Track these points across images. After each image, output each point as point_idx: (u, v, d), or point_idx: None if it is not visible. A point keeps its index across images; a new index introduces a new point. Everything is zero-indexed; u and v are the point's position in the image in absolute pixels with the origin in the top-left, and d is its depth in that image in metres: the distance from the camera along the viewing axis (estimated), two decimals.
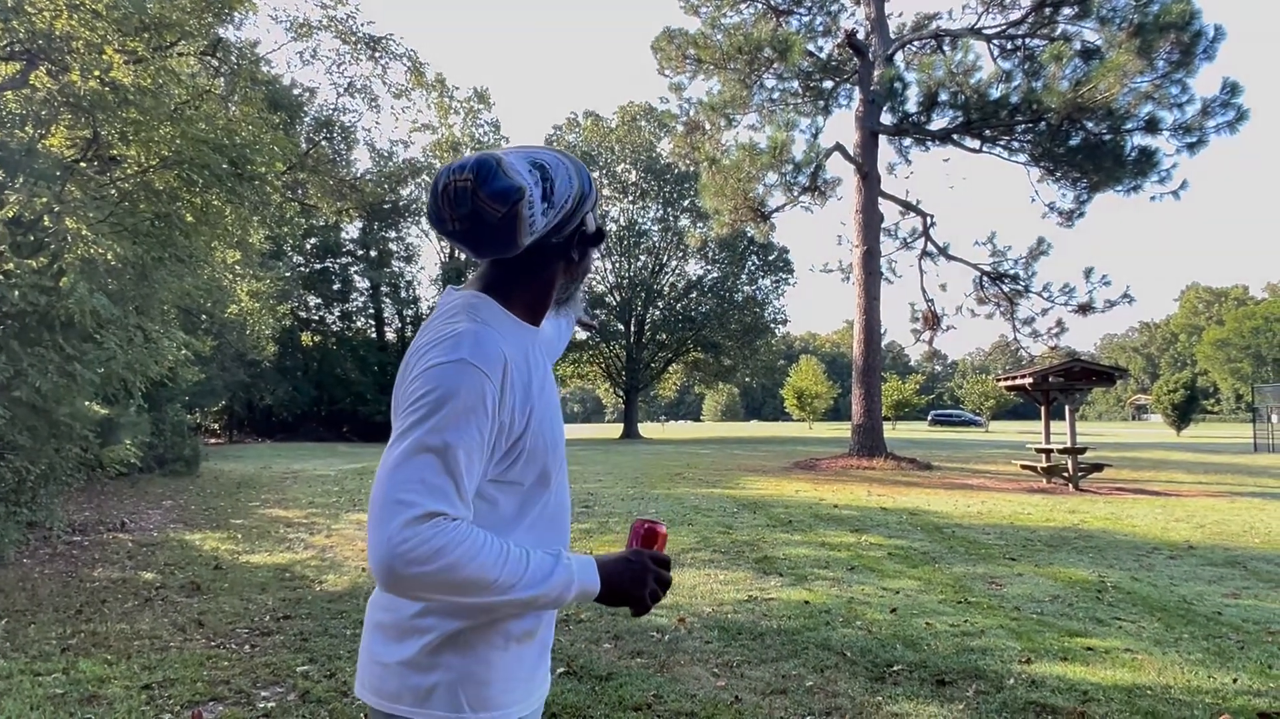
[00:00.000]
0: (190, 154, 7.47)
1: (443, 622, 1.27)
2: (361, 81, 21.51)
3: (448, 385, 1.20)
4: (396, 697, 1.28)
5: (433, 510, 1.13)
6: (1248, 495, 13.10)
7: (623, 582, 1.30)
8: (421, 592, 1.15)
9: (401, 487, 1.14)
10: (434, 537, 1.11)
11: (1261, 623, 5.28)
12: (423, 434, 1.17)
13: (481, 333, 1.26)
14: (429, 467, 1.16)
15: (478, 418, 1.20)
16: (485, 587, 1.15)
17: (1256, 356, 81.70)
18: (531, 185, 1.29)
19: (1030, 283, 21.09)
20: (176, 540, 8.57)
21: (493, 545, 1.17)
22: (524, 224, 1.29)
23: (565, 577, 1.22)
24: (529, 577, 1.19)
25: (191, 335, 12.89)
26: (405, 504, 1.12)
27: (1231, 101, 17.26)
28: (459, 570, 1.12)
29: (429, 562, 1.11)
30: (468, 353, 1.22)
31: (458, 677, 1.27)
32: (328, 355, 38.56)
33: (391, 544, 1.11)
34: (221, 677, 4.18)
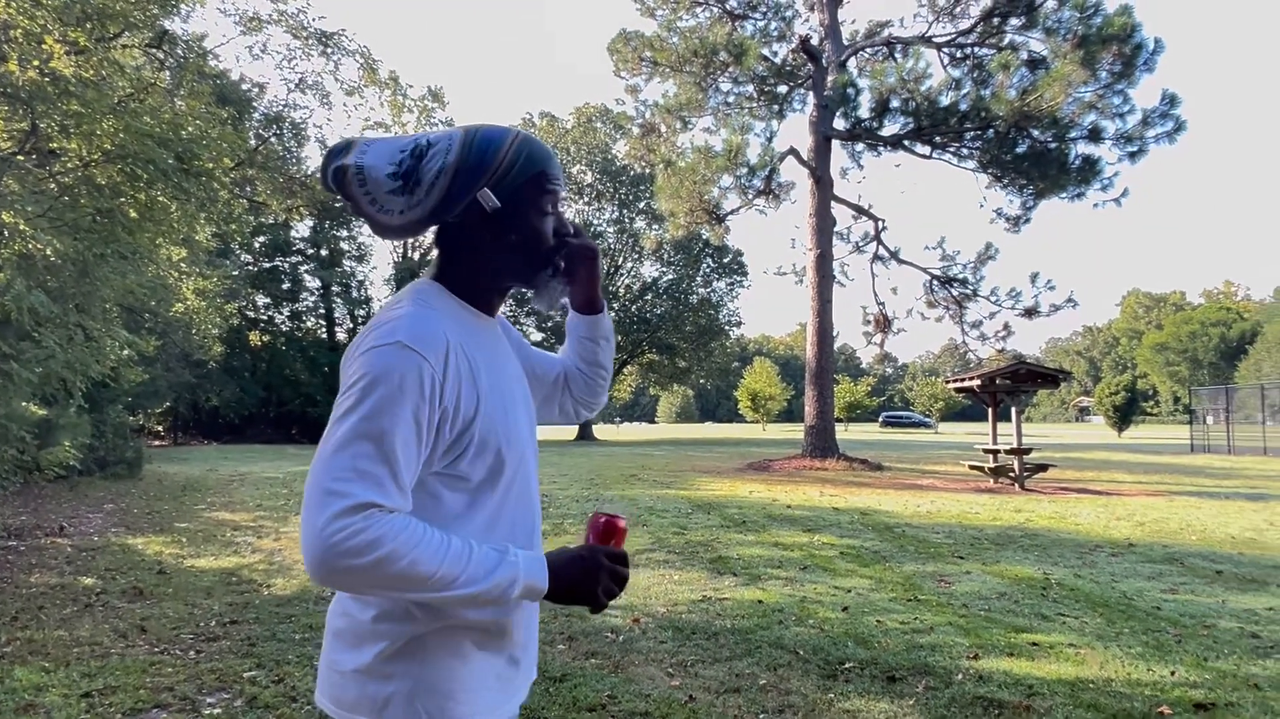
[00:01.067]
0: (134, 148, 7.28)
1: (399, 627, 1.21)
2: (313, 78, 21.17)
3: (382, 369, 1.14)
4: (354, 706, 1.22)
5: (366, 501, 1.08)
6: (1185, 494, 13.51)
7: (574, 579, 1.23)
8: (356, 587, 1.10)
9: (334, 476, 1.09)
10: (367, 528, 1.06)
11: (1198, 617, 5.45)
12: (356, 420, 1.11)
13: (421, 314, 1.21)
14: (363, 454, 1.10)
15: (414, 402, 1.14)
16: (422, 581, 1.09)
17: (1193, 360, 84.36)
18: (372, 164, 1.25)
19: (978, 287, 21.53)
20: (118, 545, 8.34)
21: (432, 538, 1.11)
22: (363, 203, 1.26)
23: (510, 573, 1.16)
24: (470, 572, 1.12)
25: (135, 334, 12.57)
26: (337, 494, 1.07)
27: (1170, 112, 17.82)
28: (393, 564, 1.07)
29: (362, 554, 1.05)
30: (404, 335, 1.16)
31: (415, 686, 1.21)
32: (277, 355, 37.85)
33: (323, 536, 1.06)
34: (165, 683, 4.08)
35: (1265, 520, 10.23)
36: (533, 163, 1.29)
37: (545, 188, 1.32)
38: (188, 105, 9.35)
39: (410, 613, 1.21)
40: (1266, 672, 4.30)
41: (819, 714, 3.70)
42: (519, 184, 1.28)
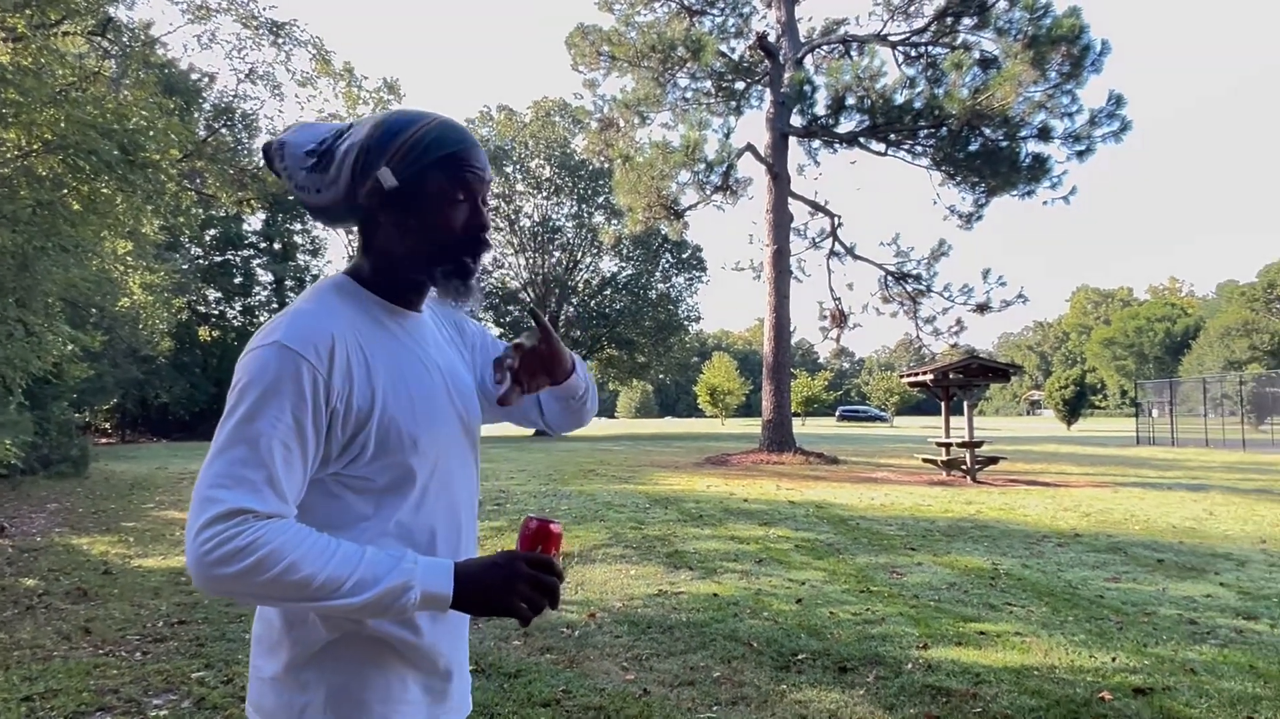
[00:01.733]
0: (76, 139, 7.08)
1: (310, 633, 1.16)
2: (264, 68, 20.75)
3: (258, 371, 1.10)
4: (273, 714, 1.17)
5: (237, 508, 1.03)
6: (1130, 485, 13.87)
7: (488, 586, 1.11)
8: (237, 595, 1.04)
9: (210, 483, 1.04)
10: (236, 535, 1.01)
11: (1139, 605, 5.60)
12: (234, 425, 1.07)
13: (304, 311, 1.17)
14: (238, 460, 1.06)
15: (293, 403, 1.09)
16: (303, 588, 1.02)
17: (1140, 354, 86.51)
18: (292, 141, 1.25)
19: (932, 283, 21.85)
20: (62, 545, 8.14)
21: (315, 543, 1.05)
22: (287, 175, 1.26)
23: (403, 578, 1.06)
24: (359, 576, 1.04)
25: (79, 329, 12.25)
26: (211, 501, 1.03)
27: (1117, 112, 18.24)
28: (266, 571, 1.01)
29: (232, 562, 1.00)
30: (282, 334, 1.12)
31: (328, 695, 1.15)
32: (228, 351, 37.14)
33: (196, 544, 1.01)
34: (110, 685, 3.99)
35: (1205, 510, 10.54)
36: (442, 144, 1.21)
37: (457, 173, 1.22)
38: (133, 95, 9.12)
39: (317, 620, 1.16)
40: (1202, 657, 4.44)
41: (771, 705, 3.74)
42: (423, 165, 1.20)
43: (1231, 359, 67.46)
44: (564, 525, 9.05)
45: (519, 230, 42.33)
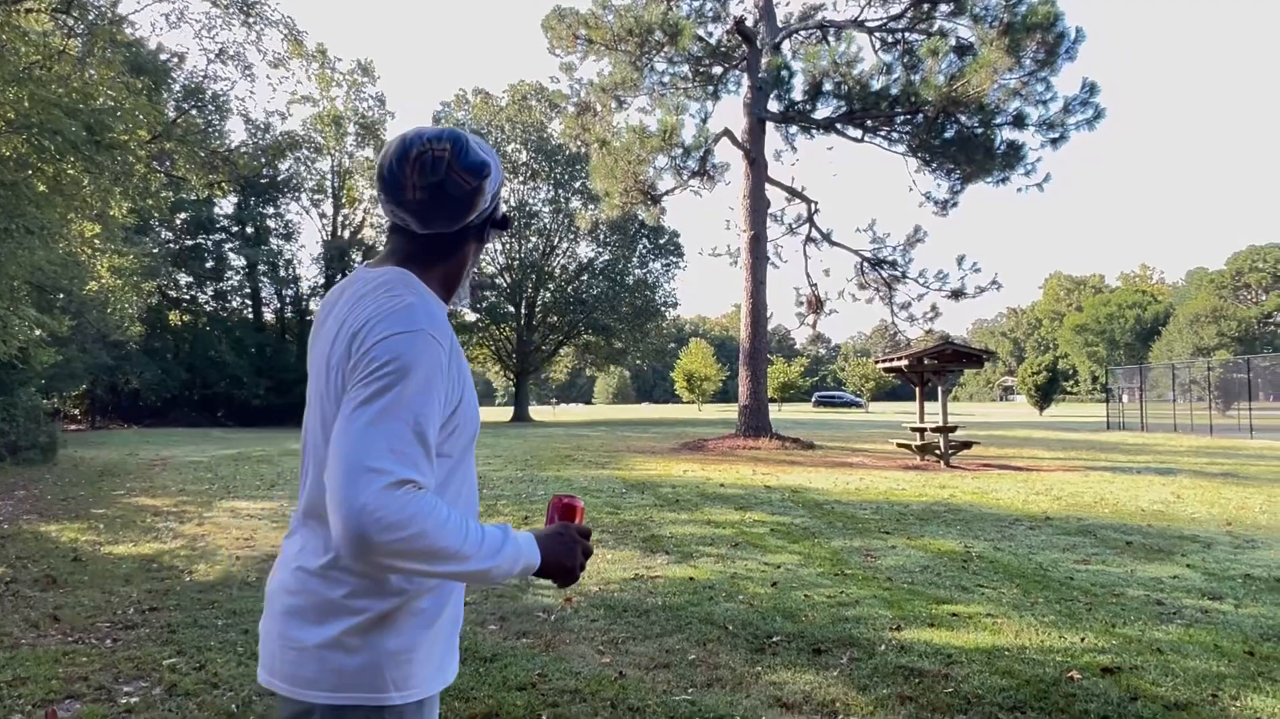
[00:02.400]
0: (40, 118, 6.93)
1: (372, 602, 1.25)
2: (234, 48, 20.41)
3: (410, 356, 1.19)
4: (314, 682, 1.24)
5: (405, 478, 1.12)
6: (1100, 469, 14.08)
7: (557, 554, 1.30)
8: (390, 558, 1.11)
9: (372, 454, 1.12)
10: (408, 504, 1.11)
11: (1108, 586, 5.69)
12: (388, 403, 1.16)
13: (431, 305, 1.29)
14: (398, 435, 1.15)
15: (437, 388, 1.21)
16: (449, 556, 1.14)
17: (1111, 341, 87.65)
18: (492, 165, 1.36)
19: (907, 269, 21.99)
20: (30, 532, 8.03)
21: (452, 516, 1.16)
22: (482, 199, 1.35)
23: (514, 550, 1.23)
24: (485, 549, 1.18)
25: (46, 314, 12.05)
26: (378, 472, 1.11)
27: (1090, 100, 18.38)
28: (427, 539, 1.11)
29: (402, 528, 1.09)
30: (425, 323, 1.23)
31: (383, 657, 1.25)
32: (200, 336, 36.71)
33: (367, 511, 1.09)
34: (79, 673, 3.95)
35: (1173, 494, 10.72)
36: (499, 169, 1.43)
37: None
38: (99, 74, 8.94)
39: (384, 589, 1.25)
40: (1169, 636, 4.52)
41: (746, 687, 3.76)
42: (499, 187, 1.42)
43: (1200, 345, 68.55)
44: (540, 511, 9.04)
45: None
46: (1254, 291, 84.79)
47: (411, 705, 1.28)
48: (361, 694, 1.24)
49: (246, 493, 10.98)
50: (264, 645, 1.32)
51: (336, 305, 1.35)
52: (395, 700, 1.26)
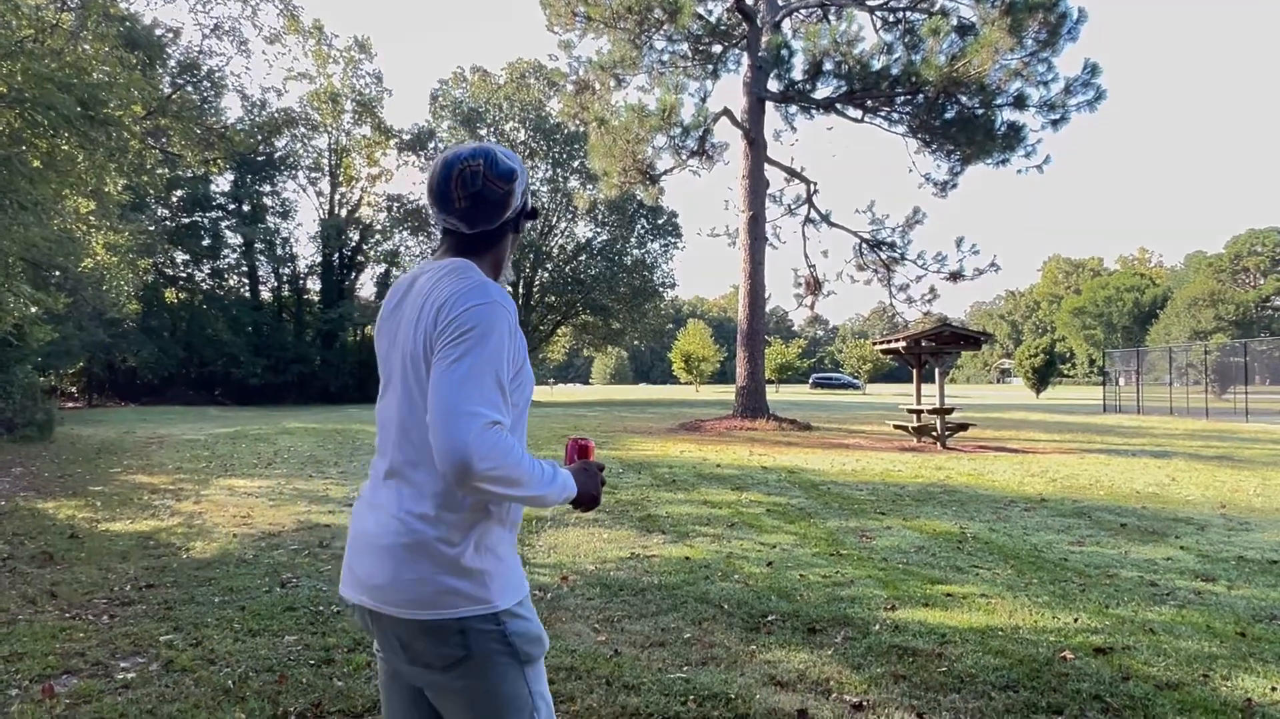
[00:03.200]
0: (34, 92, 6.86)
1: (468, 535, 1.53)
2: (230, 24, 20.24)
3: (488, 322, 1.48)
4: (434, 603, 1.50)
5: (495, 419, 1.41)
6: (1095, 452, 14.11)
7: (586, 485, 1.62)
8: (485, 483, 1.40)
9: (470, 400, 1.40)
10: (498, 441, 1.39)
11: (1102, 567, 5.72)
12: (476, 360, 1.44)
13: (495, 282, 1.60)
14: (486, 385, 1.43)
15: (508, 347, 1.50)
16: (522, 482, 1.44)
17: (1108, 324, 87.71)
18: (518, 170, 1.64)
19: (906, 251, 21.93)
20: (27, 509, 8.03)
21: (525, 452, 1.46)
22: (513, 200, 1.64)
23: (563, 479, 1.54)
24: (544, 479, 1.48)
25: (42, 291, 12.01)
26: (474, 414, 1.39)
27: (1092, 81, 18.26)
28: (510, 469, 1.40)
29: (493, 459, 1.38)
30: (497, 295, 1.53)
31: (485, 575, 1.53)
32: (196, 314, 36.60)
33: (469, 445, 1.37)
34: (76, 648, 3.96)
35: (1168, 476, 10.76)
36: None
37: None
38: (93, 49, 8.85)
39: (473, 524, 1.54)
40: (1161, 617, 4.55)
41: (741, 665, 3.78)
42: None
43: (1198, 329, 68.58)
44: None
45: None
46: (1252, 275, 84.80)
47: (515, 607, 1.56)
48: (478, 607, 1.51)
49: (243, 471, 10.99)
50: (371, 580, 1.55)
51: (411, 289, 1.63)
52: (501, 606, 1.54)
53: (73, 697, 3.39)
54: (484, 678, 1.54)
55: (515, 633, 1.55)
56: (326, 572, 5.50)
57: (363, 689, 3.47)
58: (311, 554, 6.06)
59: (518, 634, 1.56)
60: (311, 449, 13.66)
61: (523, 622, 1.58)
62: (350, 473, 10.77)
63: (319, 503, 8.41)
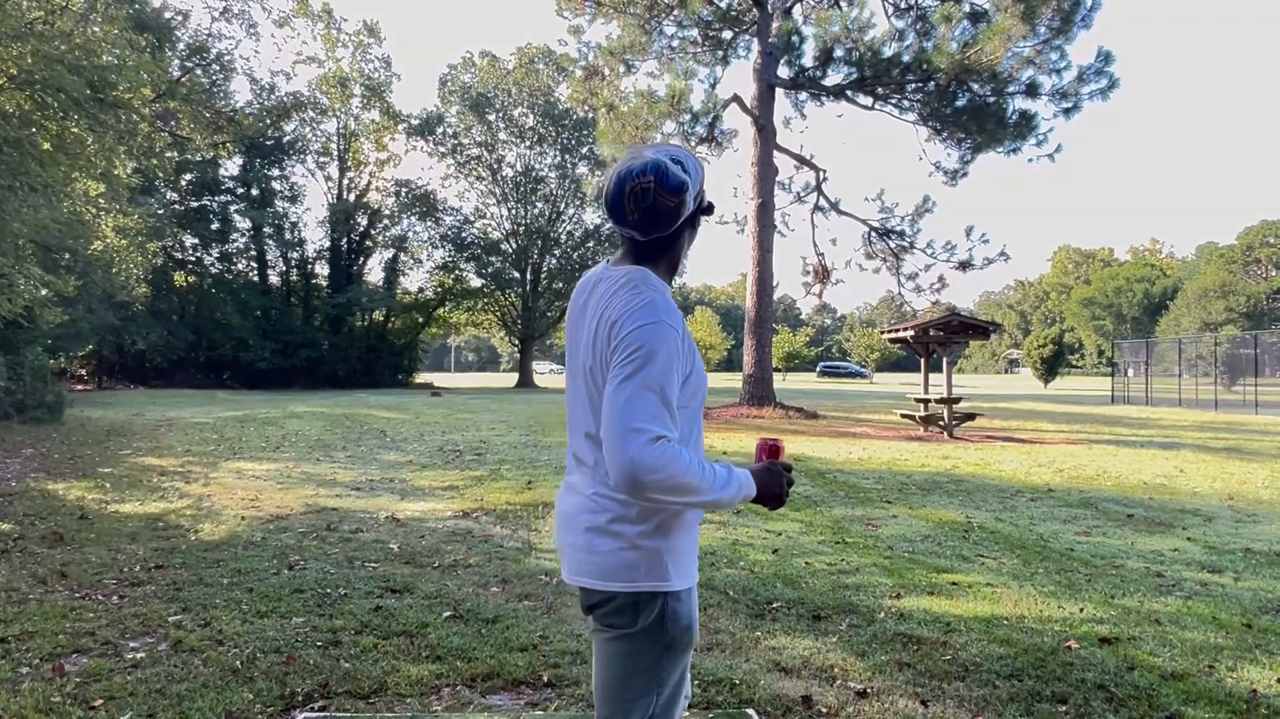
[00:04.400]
0: (43, 74, 6.86)
1: (650, 516, 1.66)
2: (239, 6, 20.22)
3: (655, 343, 1.57)
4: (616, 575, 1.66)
5: (660, 434, 1.52)
6: (1103, 443, 14.07)
7: (769, 484, 1.69)
8: (652, 493, 1.52)
9: (636, 418, 1.52)
10: (663, 453, 1.50)
11: (1108, 558, 5.71)
12: (644, 378, 1.55)
13: (665, 296, 1.68)
14: (652, 403, 1.54)
15: (676, 365, 1.60)
16: (693, 489, 1.54)
17: (1118, 315, 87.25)
18: (690, 179, 1.70)
19: (915, 239, 21.83)
20: (37, 490, 8.09)
21: (695, 460, 1.55)
22: (685, 208, 1.70)
23: (738, 483, 1.63)
24: (717, 483, 1.58)
25: (52, 274, 12.05)
26: (641, 431, 1.51)
27: (1105, 69, 18.10)
28: (677, 477, 1.51)
29: (660, 471, 1.49)
30: (664, 315, 1.61)
31: (663, 554, 1.66)
32: (205, 298, 36.71)
33: (635, 461, 1.49)
34: (86, 628, 3.99)
35: (1175, 468, 10.72)
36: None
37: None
38: (103, 31, 8.84)
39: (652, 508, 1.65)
40: (1167, 608, 4.54)
41: (746, 652, 3.79)
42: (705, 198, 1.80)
43: (1208, 320, 68.19)
44: (544, 476, 9.07)
45: (501, 180, 41.84)
46: (1264, 267, 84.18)
47: (685, 590, 1.69)
48: (652, 583, 1.65)
49: (252, 454, 11.04)
50: (568, 554, 1.74)
51: (591, 296, 1.75)
52: (676, 586, 1.67)
53: (82, 675, 3.42)
54: (630, 648, 1.69)
55: (670, 614, 1.68)
56: (334, 554, 5.54)
57: (369, 671, 3.49)
58: (319, 537, 6.09)
59: (672, 617, 1.68)
60: (319, 433, 13.72)
61: (681, 606, 1.70)
62: (357, 457, 10.82)
63: (326, 486, 8.45)
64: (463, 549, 5.75)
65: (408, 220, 40.70)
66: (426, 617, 4.20)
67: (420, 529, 6.43)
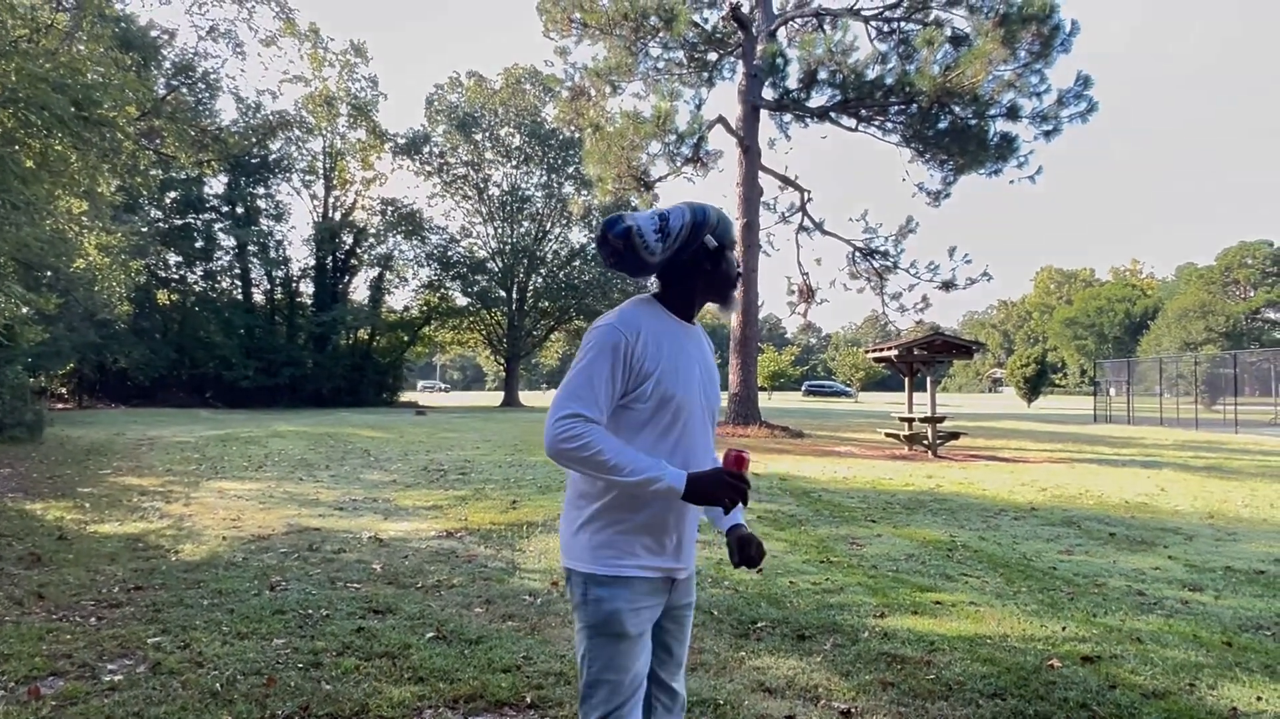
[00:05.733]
0: (27, 92, 6.84)
1: (590, 504, 1.96)
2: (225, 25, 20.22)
3: (594, 340, 1.91)
4: (569, 553, 2.00)
5: (576, 412, 1.83)
6: (1086, 462, 14.16)
7: (703, 486, 1.86)
8: (566, 462, 1.84)
9: (560, 397, 1.86)
10: (572, 426, 1.82)
11: (1090, 576, 5.74)
12: (578, 368, 1.88)
13: (630, 310, 1.98)
14: (576, 387, 1.86)
15: (611, 358, 1.88)
16: (602, 465, 1.81)
17: (1099, 334, 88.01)
18: (642, 223, 1.97)
19: (899, 259, 22.00)
20: (15, 510, 7.99)
21: (614, 442, 1.83)
22: (641, 249, 1.97)
23: (659, 471, 1.83)
24: (633, 465, 1.81)
25: (33, 291, 11.95)
26: (560, 407, 1.85)
27: (1084, 93, 18.38)
28: (588, 449, 1.80)
29: (570, 442, 1.81)
30: (613, 319, 1.93)
31: (591, 537, 1.95)
32: (189, 316, 36.46)
33: (550, 430, 1.83)
34: (63, 650, 3.94)
35: (1157, 486, 10.80)
36: (729, 225, 2.08)
37: (733, 243, 2.11)
38: (88, 49, 8.83)
39: (598, 494, 1.95)
40: (1149, 626, 4.57)
41: (730, 672, 3.78)
42: (725, 236, 2.06)
43: (1188, 340, 68.89)
44: (528, 495, 9.03)
45: (487, 199, 41.88)
46: (1243, 288, 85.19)
47: (609, 577, 1.93)
48: (573, 562, 1.97)
49: (234, 473, 10.95)
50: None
51: None
52: (596, 570, 1.93)
53: (59, 698, 3.37)
54: (575, 618, 2.00)
55: (593, 599, 1.93)
56: (316, 575, 5.49)
57: (351, 692, 3.46)
58: (301, 557, 6.04)
59: (595, 601, 1.93)
60: (302, 452, 13.62)
61: (604, 592, 1.92)
62: (341, 476, 10.75)
63: (309, 506, 8.39)
64: (446, 569, 5.72)
65: (393, 239, 40.64)
66: (409, 638, 4.17)
67: (403, 549, 6.39)
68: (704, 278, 2.07)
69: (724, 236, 2.06)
